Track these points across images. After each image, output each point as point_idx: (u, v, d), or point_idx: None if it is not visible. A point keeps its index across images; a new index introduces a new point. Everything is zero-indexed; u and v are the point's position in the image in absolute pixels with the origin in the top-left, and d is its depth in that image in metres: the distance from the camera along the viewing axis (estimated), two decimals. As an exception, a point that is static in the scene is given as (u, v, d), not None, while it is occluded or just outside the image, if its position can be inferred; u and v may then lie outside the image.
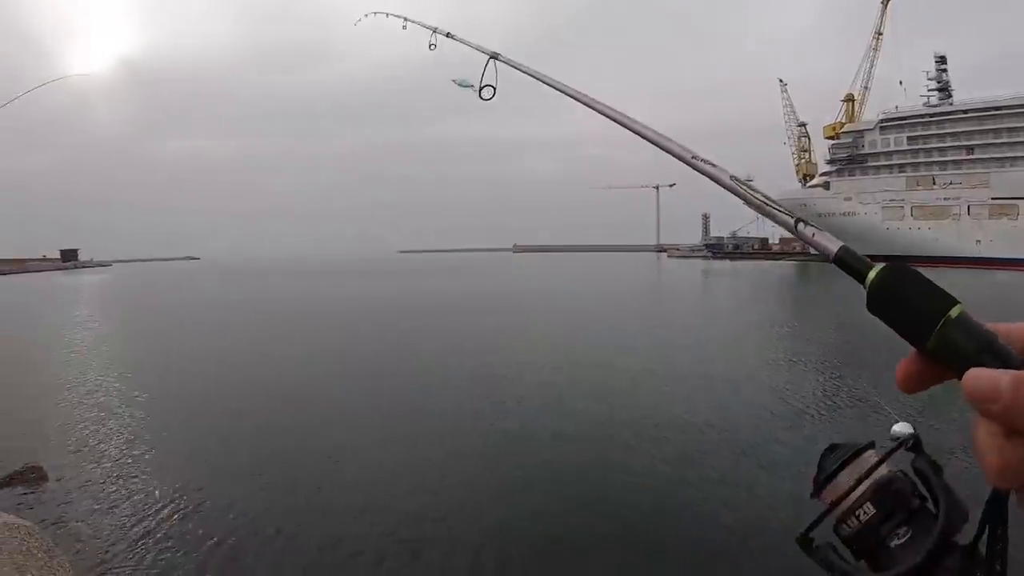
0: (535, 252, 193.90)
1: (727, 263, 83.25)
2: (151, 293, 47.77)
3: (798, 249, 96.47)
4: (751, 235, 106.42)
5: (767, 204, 0.72)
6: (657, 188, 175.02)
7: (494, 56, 2.64)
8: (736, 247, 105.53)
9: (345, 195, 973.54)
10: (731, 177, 0.79)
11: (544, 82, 2.21)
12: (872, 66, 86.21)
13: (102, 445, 8.90)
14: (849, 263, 0.56)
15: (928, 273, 0.49)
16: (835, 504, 0.57)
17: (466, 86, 2.87)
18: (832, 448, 0.61)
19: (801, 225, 0.50)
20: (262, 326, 22.75)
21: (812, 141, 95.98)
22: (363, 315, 24.88)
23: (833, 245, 0.58)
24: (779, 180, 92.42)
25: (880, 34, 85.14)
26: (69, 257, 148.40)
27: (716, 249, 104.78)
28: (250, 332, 21.27)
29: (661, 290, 37.52)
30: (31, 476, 7.33)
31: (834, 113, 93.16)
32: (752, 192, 0.73)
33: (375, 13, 5.78)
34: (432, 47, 4.15)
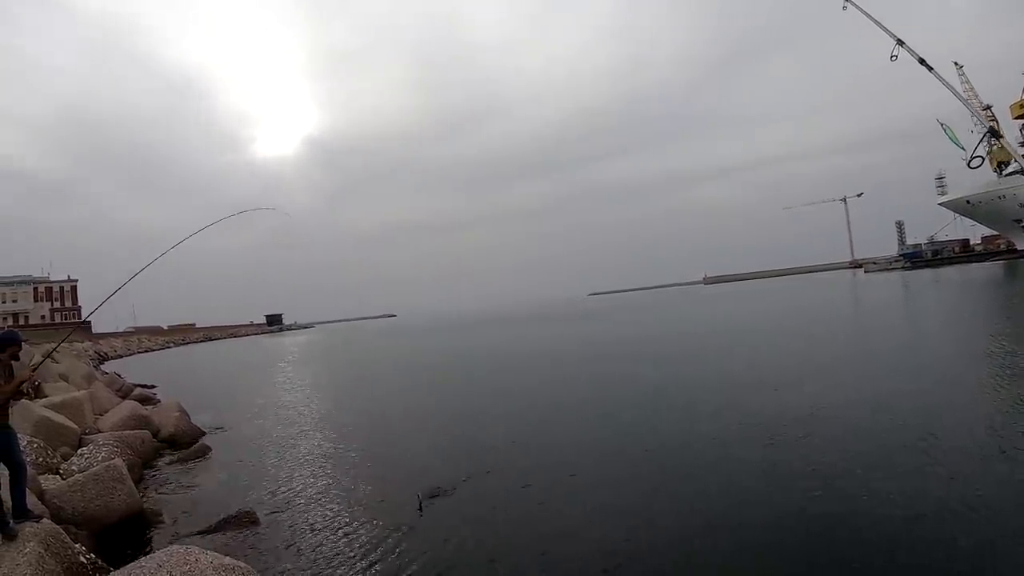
0: (726, 282, 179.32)
1: (927, 272, 72.53)
2: (352, 348, 51.35)
3: (1003, 247, 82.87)
4: (949, 238, 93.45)
5: None
6: (845, 200, 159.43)
7: (993, 132, 4.14)
8: (936, 253, 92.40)
9: (530, 245, 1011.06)
10: None
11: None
12: (1049, 28, 74.21)
13: (311, 489, 8.71)
14: None
15: None
16: None
17: (956, 143, 2.86)
18: None
19: None
20: (460, 373, 22.43)
21: (1001, 125, 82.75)
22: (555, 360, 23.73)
23: None
24: (971, 172, 79.55)
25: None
26: (274, 321, 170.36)
27: (915, 258, 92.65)
28: (452, 378, 21.16)
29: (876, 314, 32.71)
30: (245, 520, 7.32)
31: (1016, 91, 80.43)
32: None
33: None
34: (894, 58, 4.45)
